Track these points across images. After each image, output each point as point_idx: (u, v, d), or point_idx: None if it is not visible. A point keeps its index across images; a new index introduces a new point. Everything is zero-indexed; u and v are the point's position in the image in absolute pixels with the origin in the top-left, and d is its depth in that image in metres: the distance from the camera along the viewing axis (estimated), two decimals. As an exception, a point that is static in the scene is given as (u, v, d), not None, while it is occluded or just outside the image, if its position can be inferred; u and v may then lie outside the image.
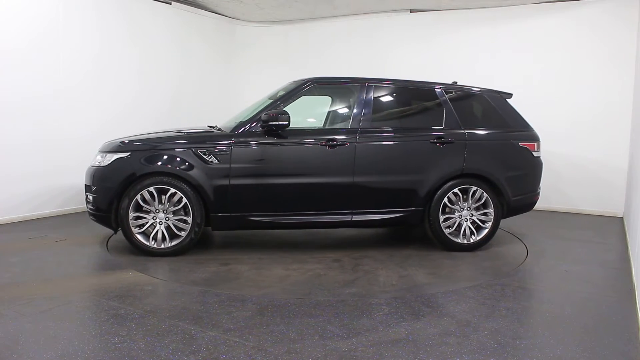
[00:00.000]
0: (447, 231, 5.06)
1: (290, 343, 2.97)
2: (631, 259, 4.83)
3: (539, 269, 4.70)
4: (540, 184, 5.50)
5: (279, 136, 4.85)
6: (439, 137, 5.06)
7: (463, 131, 5.12)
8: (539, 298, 4.00)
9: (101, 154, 4.91)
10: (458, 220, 5.08)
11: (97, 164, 4.85)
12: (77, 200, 6.73)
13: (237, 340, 2.99)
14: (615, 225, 6.62)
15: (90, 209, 4.89)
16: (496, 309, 3.59)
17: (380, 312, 3.49)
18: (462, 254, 5.03)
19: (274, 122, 4.71)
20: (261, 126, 4.80)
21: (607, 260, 5.02)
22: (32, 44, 6.10)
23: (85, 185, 4.96)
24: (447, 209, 5.07)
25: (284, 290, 3.92)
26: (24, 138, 6.09)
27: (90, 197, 4.83)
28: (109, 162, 4.73)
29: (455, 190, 5.03)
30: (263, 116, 4.78)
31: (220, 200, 4.73)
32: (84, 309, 3.49)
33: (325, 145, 4.88)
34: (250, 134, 4.84)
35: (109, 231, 5.51)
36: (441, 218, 5.03)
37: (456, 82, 5.52)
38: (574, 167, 7.34)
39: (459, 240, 5.09)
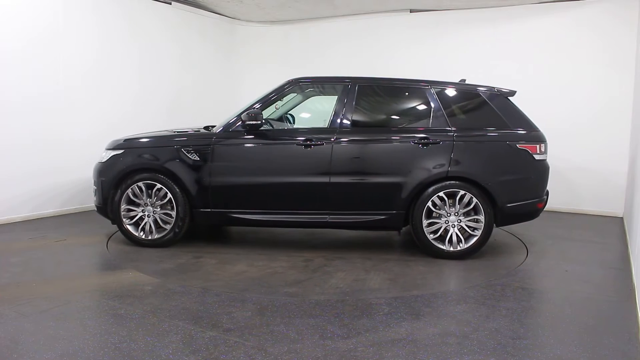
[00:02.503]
0: (430, 237, 4.78)
1: (290, 343, 2.97)
2: (631, 259, 4.83)
3: (539, 269, 4.70)
4: (547, 190, 5.09)
5: (257, 135, 4.97)
6: (423, 138, 4.83)
7: (451, 131, 4.86)
8: (539, 298, 4.00)
9: (105, 151, 5.27)
10: (444, 225, 4.78)
11: (101, 160, 5.23)
12: (78, 201, 6.74)
13: (237, 340, 2.99)
14: (615, 225, 6.62)
15: (94, 201, 5.28)
16: (496, 309, 3.59)
17: (380, 312, 3.49)
18: (446, 261, 4.75)
19: (250, 122, 4.85)
20: (242, 126, 4.95)
21: (607, 260, 5.02)
22: (32, 44, 6.09)
23: (93, 180, 5.31)
24: (434, 214, 4.80)
25: (226, 285, 4.01)
26: (24, 138, 6.09)
27: (94, 191, 5.25)
28: (107, 158, 5.14)
29: (440, 194, 4.75)
30: (243, 116, 4.89)
31: (202, 197, 4.94)
32: (84, 309, 3.49)
33: (301, 145, 4.88)
34: (231, 133, 5.00)
35: (109, 231, 5.58)
36: (425, 223, 4.77)
37: (464, 80, 5.37)
38: (574, 167, 7.33)
39: (444, 247, 4.79)
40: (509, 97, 5.09)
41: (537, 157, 4.87)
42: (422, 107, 5.12)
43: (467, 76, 5.67)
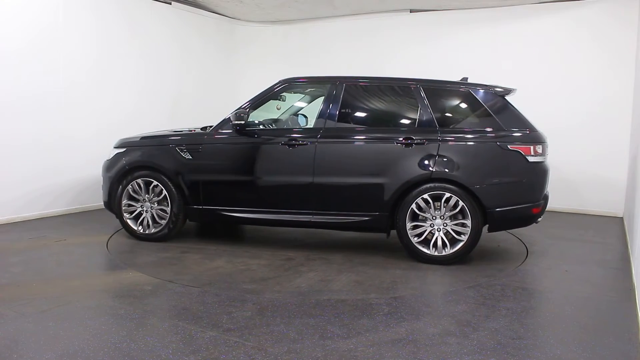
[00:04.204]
0: (414, 240, 4.62)
1: (290, 343, 2.97)
2: (631, 259, 4.83)
3: (539, 269, 4.69)
4: (547, 194, 4.86)
5: (245, 135, 5.05)
6: (407, 138, 4.70)
7: (437, 131, 4.70)
8: (539, 298, 4.01)
9: (112, 149, 5.50)
10: (429, 229, 4.60)
11: (107, 158, 5.47)
12: (78, 201, 6.73)
13: (237, 340, 3.00)
14: (615, 225, 6.61)
15: (102, 197, 5.51)
16: (496, 309, 3.59)
17: (380, 312, 3.48)
18: (429, 265, 4.57)
19: (237, 122, 4.95)
20: (230, 126, 5.05)
21: (607, 260, 5.01)
22: (32, 44, 6.09)
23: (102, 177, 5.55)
24: (420, 217, 4.63)
25: (193, 280, 4.09)
26: (24, 139, 6.08)
27: (102, 187, 5.50)
28: (112, 156, 5.41)
29: (425, 196, 4.58)
30: (231, 116, 4.97)
31: (194, 194, 5.10)
32: (84, 309, 3.49)
33: (286, 144, 4.90)
34: (220, 133, 5.13)
35: (109, 231, 5.59)
36: (409, 225, 4.61)
37: (467, 79, 5.23)
38: (574, 167, 7.33)
39: (429, 252, 4.60)
40: (504, 96, 4.86)
41: (531, 159, 4.59)
42: (409, 106, 5.01)
43: (467, 76, 5.66)
